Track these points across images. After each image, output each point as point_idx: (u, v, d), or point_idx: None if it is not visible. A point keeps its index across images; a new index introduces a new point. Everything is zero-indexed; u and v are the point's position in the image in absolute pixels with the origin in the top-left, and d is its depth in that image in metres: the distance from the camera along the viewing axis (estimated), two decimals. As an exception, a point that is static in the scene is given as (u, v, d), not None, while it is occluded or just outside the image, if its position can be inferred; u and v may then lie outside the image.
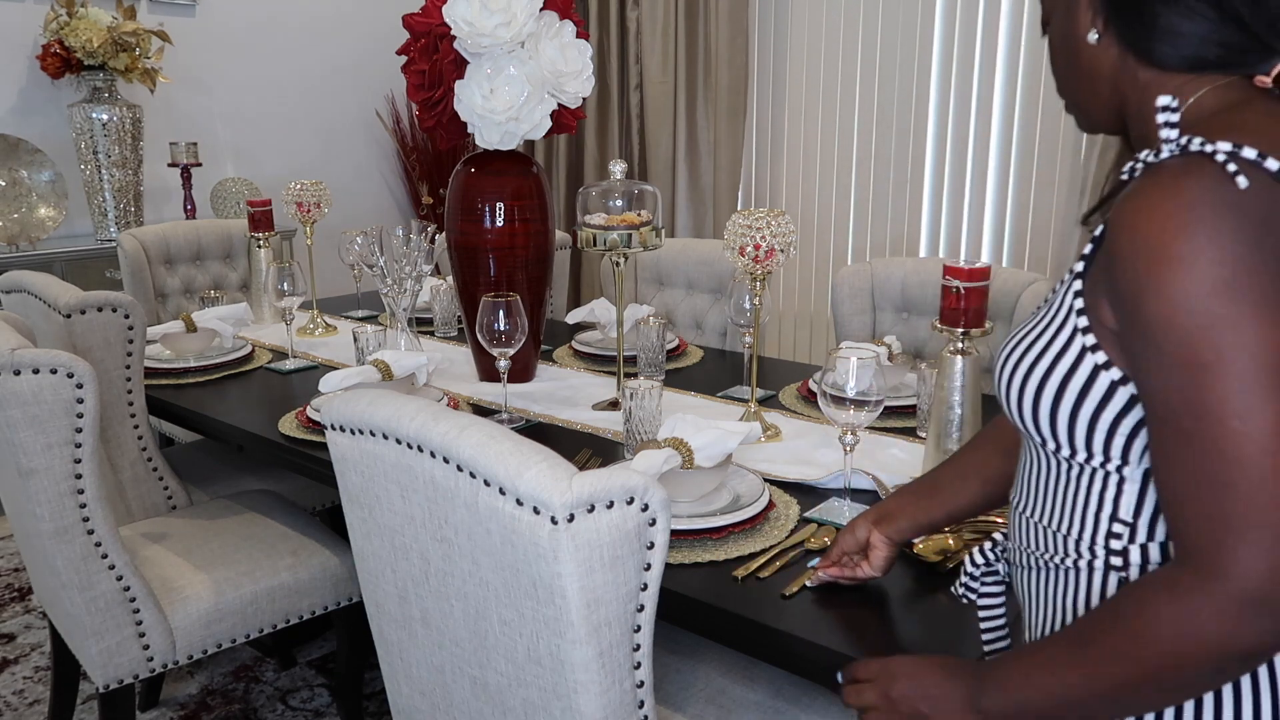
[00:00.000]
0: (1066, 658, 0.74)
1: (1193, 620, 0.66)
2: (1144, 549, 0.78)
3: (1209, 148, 0.69)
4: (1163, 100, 0.74)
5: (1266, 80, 0.77)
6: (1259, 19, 0.75)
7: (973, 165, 3.52)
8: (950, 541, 1.20)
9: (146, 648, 1.65)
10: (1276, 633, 0.65)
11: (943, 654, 0.91)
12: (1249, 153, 0.68)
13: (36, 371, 1.46)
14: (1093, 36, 0.82)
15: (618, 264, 1.79)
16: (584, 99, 1.93)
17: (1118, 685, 0.71)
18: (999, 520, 1.25)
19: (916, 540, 1.20)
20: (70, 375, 1.49)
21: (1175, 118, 0.73)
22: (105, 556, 1.58)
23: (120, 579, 1.60)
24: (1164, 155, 0.72)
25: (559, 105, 1.87)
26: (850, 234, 3.87)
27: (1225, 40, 0.76)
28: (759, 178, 4.11)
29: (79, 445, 1.53)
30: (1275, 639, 0.65)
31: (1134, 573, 0.78)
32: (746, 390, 1.92)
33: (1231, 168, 0.67)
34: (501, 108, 1.80)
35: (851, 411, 1.30)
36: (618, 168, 1.76)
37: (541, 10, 1.81)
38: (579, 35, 1.88)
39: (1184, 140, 0.71)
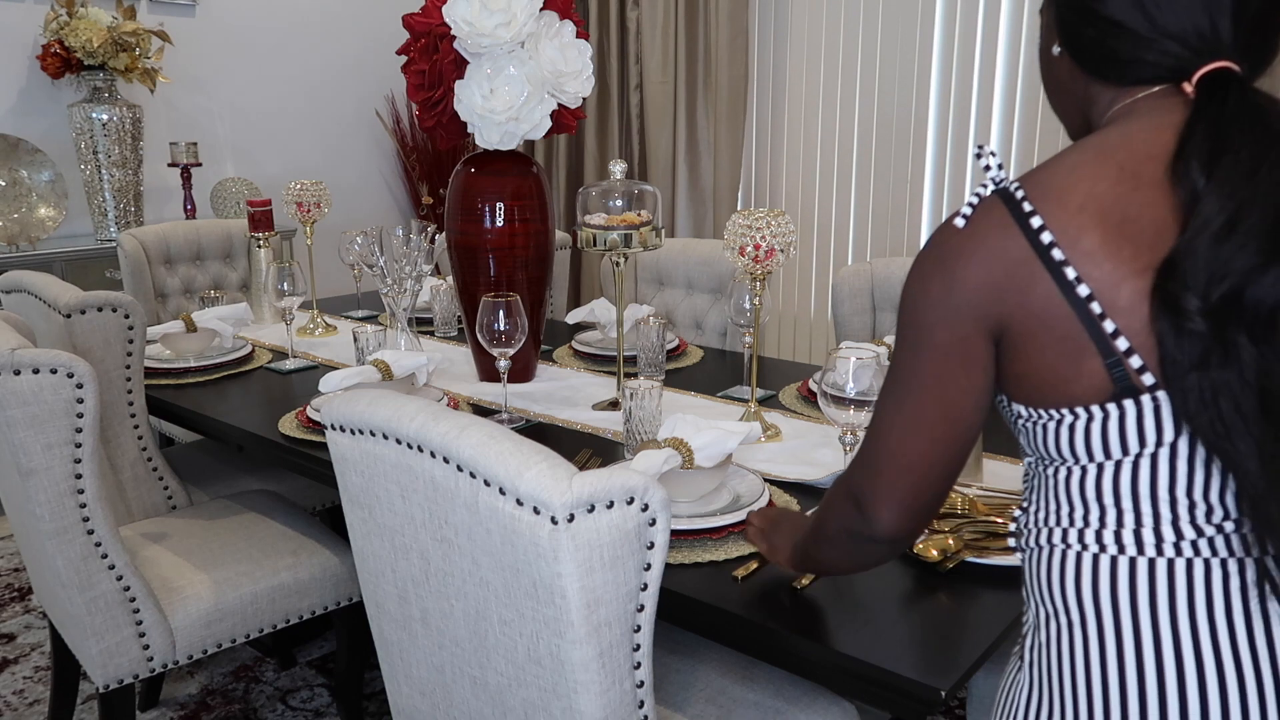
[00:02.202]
0: (808, 526, 1.03)
1: (853, 539, 0.92)
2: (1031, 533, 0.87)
3: (1006, 186, 0.79)
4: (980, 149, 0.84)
5: (1188, 87, 0.79)
6: (1168, 28, 0.78)
7: (972, 165, 3.52)
8: (950, 541, 1.20)
9: (146, 648, 1.65)
10: (889, 555, 0.95)
11: (940, 650, 0.95)
12: (1019, 192, 0.78)
13: (36, 371, 1.46)
14: (1056, 49, 0.88)
15: (618, 264, 1.79)
16: (584, 99, 1.93)
17: (806, 542, 1.03)
18: (998, 520, 1.25)
19: (917, 540, 1.20)
20: (70, 375, 1.49)
21: (998, 160, 0.82)
22: (105, 556, 1.58)
23: (120, 579, 1.60)
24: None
25: (559, 105, 1.87)
26: (850, 234, 3.87)
27: (1142, 56, 0.80)
28: (759, 178, 4.11)
29: (79, 445, 1.53)
30: (887, 556, 0.95)
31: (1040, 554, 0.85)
32: (746, 390, 1.92)
33: (965, 209, 0.80)
34: (501, 108, 1.80)
35: (851, 411, 1.30)
36: (618, 168, 1.76)
37: (541, 10, 1.81)
38: (579, 35, 1.88)
39: (989, 179, 0.81)
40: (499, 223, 1.94)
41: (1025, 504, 0.88)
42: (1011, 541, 0.90)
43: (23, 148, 3.41)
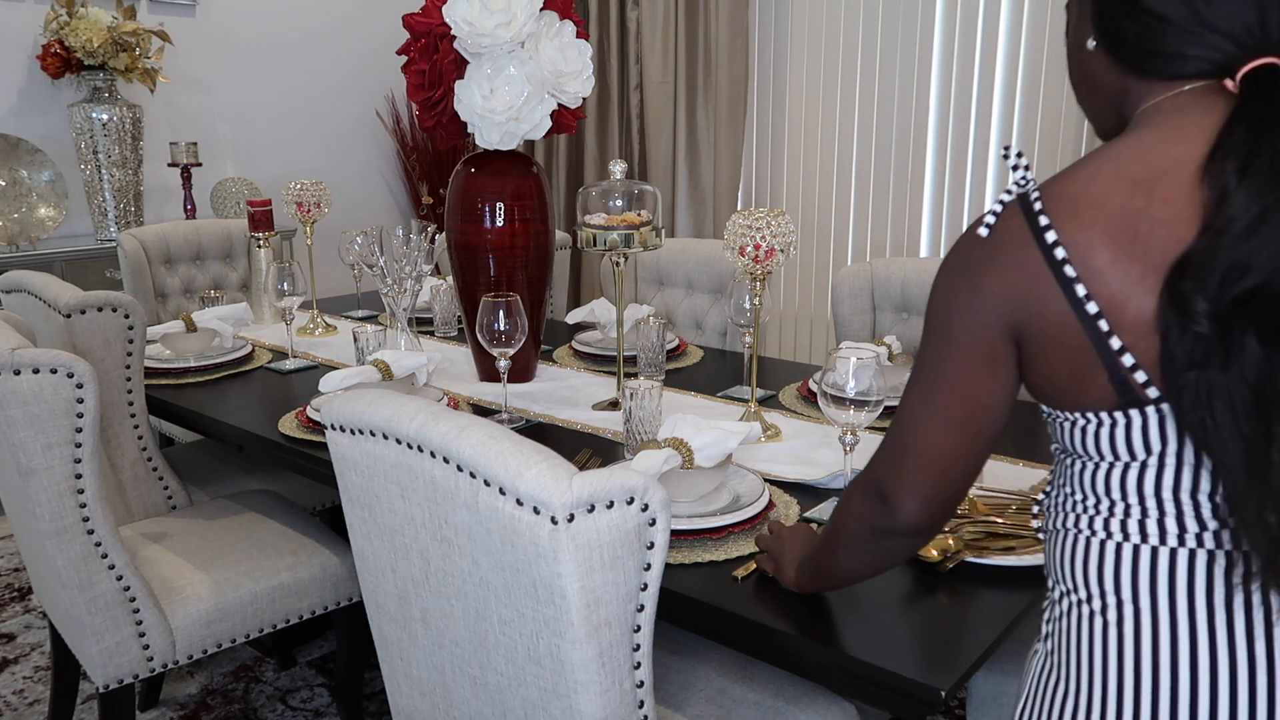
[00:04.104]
0: (822, 535, 1.05)
1: (875, 535, 0.95)
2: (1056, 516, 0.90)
3: (1024, 190, 0.80)
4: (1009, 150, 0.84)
5: (1230, 84, 0.78)
6: (1217, 23, 0.77)
7: (973, 165, 3.52)
8: (950, 541, 1.20)
9: (146, 648, 1.65)
10: (909, 550, 0.96)
11: (940, 650, 0.97)
12: (1037, 203, 0.78)
13: (36, 371, 1.46)
14: (1091, 43, 0.86)
15: (618, 264, 1.79)
16: (584, 99, 1.93)
17: (819, 551, 1.05)
18: (998, 520, 1.25)
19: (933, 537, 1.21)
20: (70, 375, 1.49)
21: (1025, 161, 0.83)
22: (105, 556, 1.58)
23: (120, 579, 1.60)
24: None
25: (559, 105, 1.87)
26: (850, 234, 3.87)
27: (1185, 51, 0.79)
28: (759, 178, 4.11)
29: (79, 445, 1.53)
30: (907, 552, 0.97)
31: (1063, 538, 0.88)
32: (746, 390, 1.92)
33: (989, 218, 0.81)
34: (501, 108, 1.80)
35: (851, 411, 1.30)
36: (618, 168, 1.76)
37: (541, 10, 1.81)
38: (579, 35, 1.88)
39: (1014, 181, 0.82)
40: (499, 223, 1.94)
41: (1050, 488, 0.91)
42: (1035, 523, 0.93)
43: (23, 148, 3.41)
